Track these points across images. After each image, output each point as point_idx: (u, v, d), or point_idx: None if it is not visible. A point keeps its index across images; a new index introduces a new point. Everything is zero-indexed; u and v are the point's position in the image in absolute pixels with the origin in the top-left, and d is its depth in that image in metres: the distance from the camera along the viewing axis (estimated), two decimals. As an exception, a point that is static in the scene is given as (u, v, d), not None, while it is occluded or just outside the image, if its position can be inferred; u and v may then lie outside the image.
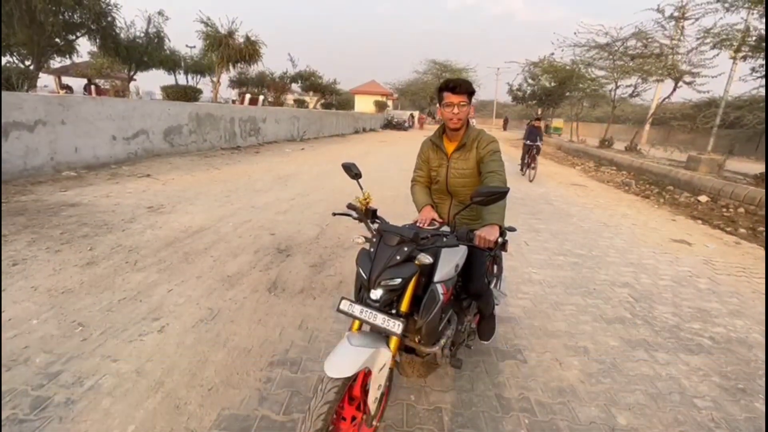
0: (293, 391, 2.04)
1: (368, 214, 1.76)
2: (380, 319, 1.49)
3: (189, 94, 11.95)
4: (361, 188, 1.83)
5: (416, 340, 1.76)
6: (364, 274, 1.53)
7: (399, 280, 1.47)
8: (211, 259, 3.66)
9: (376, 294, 1.50)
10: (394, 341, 1.54)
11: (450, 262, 1.66)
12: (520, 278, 3.74)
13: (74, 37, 15.70)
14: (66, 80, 22.14)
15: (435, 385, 2.17)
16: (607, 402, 2.14)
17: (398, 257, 1.51)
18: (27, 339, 2.32)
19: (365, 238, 1.67)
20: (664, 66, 14.39)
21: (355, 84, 38.57)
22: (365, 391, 1.55)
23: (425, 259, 1.49)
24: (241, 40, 14.43)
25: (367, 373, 1.54)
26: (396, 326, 1.47)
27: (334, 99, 24.78)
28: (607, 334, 2.84)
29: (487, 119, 52.88)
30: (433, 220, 1.91)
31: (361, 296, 1.59)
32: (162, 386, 2.03)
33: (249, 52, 14.23)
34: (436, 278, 1.59)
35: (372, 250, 1.58)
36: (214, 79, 15.36)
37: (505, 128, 43.65)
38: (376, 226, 1.68)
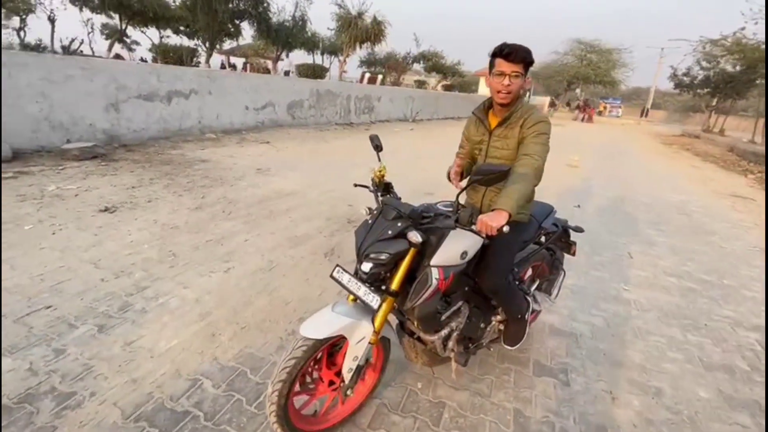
0: (308, 348, 2.15)
1: (381, 187, 1.71)
2: (362, 291, 1.46)
3: (317, 72, 13.09)
4: (380, 160, 1.77)
5: (415, 324, 1.67)
6: (356, 245, 1.51)
7: (385, 256, 1.40)
8: (289, 219, 4.04)
9: (366, 266, 1.46)
10: (379, 317, 1.50)
11: (455, 246, 1.50)
12: (603, 292, 3.17)
13: (239, 22, 18.56)
14: (231, 59, 26.43)
15: (447, 379, 2.04)
16: (660, 459, 1.71)
17: (390, 232, 1.44)
18: (135, 258, 2.95)
19: (369, 209, 1.62)
20: None
21: (483, 66, 36.68)
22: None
23: (414, 237, 1.39)
24: (369, 20, 15.03)
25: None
26: (374, 300, 1.42)
27: (456, 81, 24.11)
28: (699, 382, 2.23)
29: (638, 109, 44.65)
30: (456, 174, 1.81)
31: (356, 267, 1.57)
32: (209, 316, 2.37)
33: (374, 32, 14.75)
34: (432, 261, 1.47)
35: (370, 222, 1.53)
36: (341, 59, 16.43)
37: (643, 115, 36.25)
38: None
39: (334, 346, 1.58)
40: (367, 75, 16.64)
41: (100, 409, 1.67)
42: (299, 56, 21.50)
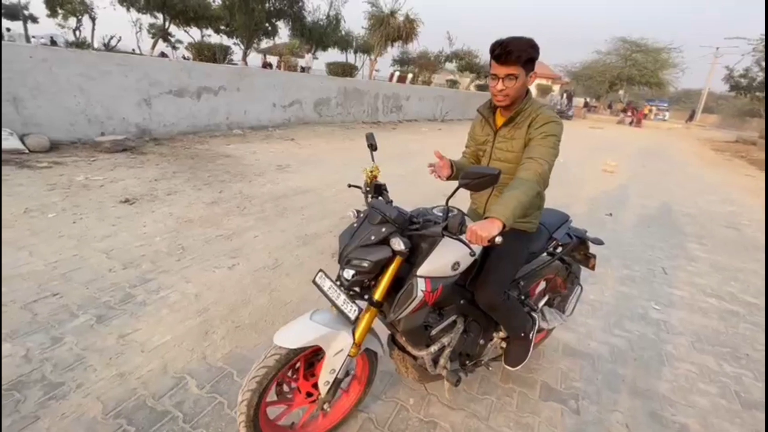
0: (299, 352, 2.08)
1: (372, 189, 1.60)
2: (341, 300, 1.37)
3: (346, 70, 13.11)
4: (373, 160, 1.66)
5: (402, 338, 1.55)
6: (339, 250, 1.41)
7: (367, 263, 1.30)
8: (301, 217, 4.00)
9: (349, 273, 1.36)
10: (360, 328, 1.39)
11: (446, 256, 1.37)
12: (629, 311, 2.90)
13: (275, 21, 18.96)
14: (268, 58, 27.12)
15: (442, 397, 1.90)
16: None
17: (373, 237, 1.33)
18: (146, 250, 2.99)
19: (357, 211, 1.52)
20: None
21: (519, 65, 35.33)
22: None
23: (397, 244, 1.27)
24: (401, 18, 14.90)
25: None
26: (352, 311, 1.32)
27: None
28: (733, 421, 1.96)
29: (688, 113, 41.67)
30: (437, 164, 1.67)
31: (338, 274, 1.47)
32: (206, 312, 2.35)
33: (406, 30, 14.61)
34: (419, 271, 1.34)
35: (355, 225, 1.43)
36: (372, 58, 16.40)
37: (690, 120, 33.48)
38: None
39: (315, 355, 1.49)
40: (397, 74, 16.52)
41: (83, 402, 1.66)
42: (333, 55, 21.65)
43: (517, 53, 1.38)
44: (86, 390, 1.72)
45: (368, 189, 1.61)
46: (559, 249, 2.04)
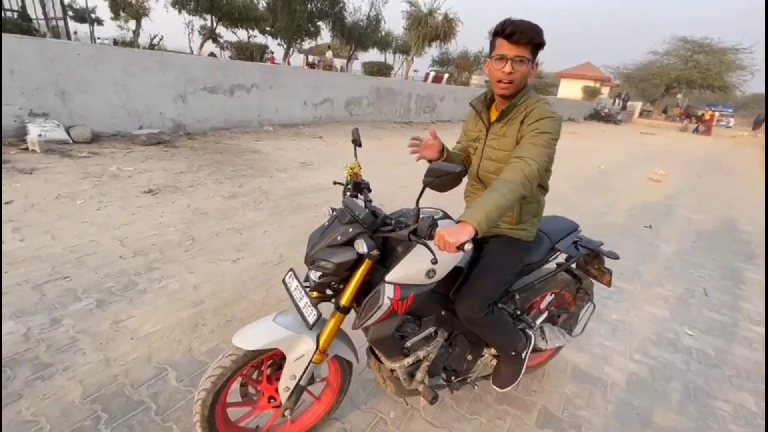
0: (284, 352, 2.02)
1: (353, 187, 1.51)
2: (303, 303, 1.29)
3: (382, 70, 13.10)
4: (356, 157, 1.57)
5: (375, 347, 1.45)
6: (307, 249, 1.33)
7: (331, 265, 1.21)
8: (313, 214, 3.98)
9: (316, 275, 1.28)
10: (325, 334, 1.31)
11: (419, 262, 1.25)
12: (656, 335, 2.60)
13: (317, 22, 19.37)
14: (310, 58, 27.83)
15: (427, 413, 1.77)
16: None
17: (339, 238, 1.24)
18: (158, 239, 3.08)
19: (332, 209, 1.43)
20: None
21: (566, 66, 34.04)
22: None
23: (360, 246, 1.18)
24: (440, 18, 14.68)
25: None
26: (311, 315, 1.24)
27: (533, 82, 22.67)
28: (770, 474, 1.68)
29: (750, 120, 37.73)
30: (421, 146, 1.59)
31: (306, 274, 1.39)
32: (200, 304, 2.35)
33: (444, 30, 14.37)
34: (387, 277, 1.23)
35: (326, 224, 1.35)
36: (409, 58, 16.30)
37: (758, 126, 30.05)
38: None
39: (283, 358, 1.42)
40: (432, 74, 16.29)
41: (66, 385, 1.70)
42: (373, 55, 21.81)
43: (530, 34, 1.25)
44: (71, 373, 1.76)
45: (348, 187, 1.52)
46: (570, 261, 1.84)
